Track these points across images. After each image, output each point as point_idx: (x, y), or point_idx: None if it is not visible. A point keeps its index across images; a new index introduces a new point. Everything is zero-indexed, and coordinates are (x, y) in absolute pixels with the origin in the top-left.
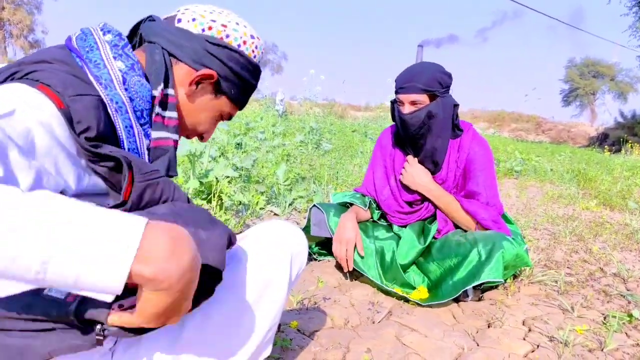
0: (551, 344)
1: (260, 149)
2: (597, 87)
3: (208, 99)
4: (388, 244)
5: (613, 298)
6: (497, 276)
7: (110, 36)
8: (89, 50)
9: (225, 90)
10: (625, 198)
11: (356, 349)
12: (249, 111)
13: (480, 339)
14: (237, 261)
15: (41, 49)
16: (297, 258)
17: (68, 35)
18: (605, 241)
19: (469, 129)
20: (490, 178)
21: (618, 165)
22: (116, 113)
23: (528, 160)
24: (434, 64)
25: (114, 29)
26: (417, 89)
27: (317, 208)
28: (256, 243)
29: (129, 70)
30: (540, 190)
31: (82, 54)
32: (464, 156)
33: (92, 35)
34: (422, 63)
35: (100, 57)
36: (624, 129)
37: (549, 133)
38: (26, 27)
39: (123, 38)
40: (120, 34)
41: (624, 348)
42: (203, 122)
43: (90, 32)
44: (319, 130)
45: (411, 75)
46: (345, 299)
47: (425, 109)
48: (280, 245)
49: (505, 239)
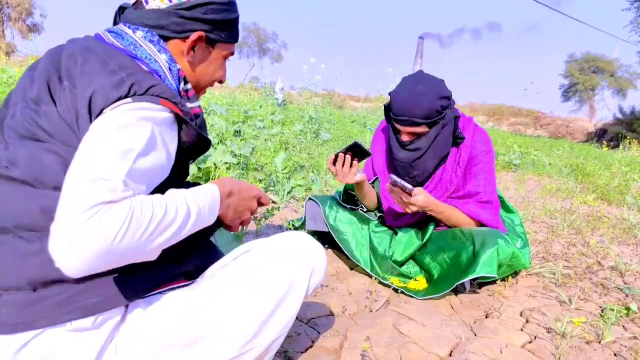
0: (548, 335)
1: (259, 137)
2: (597, 82)
3: (207, 55)
4: (382, 237)
5: (610, 291)
6: (490, 271)
7: (141, 32)
8: (134, 48)
9: (217, 39)
10: (623, 193)
11: (354, 337)
12: (248, 99)
13: (478, 329)
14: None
15: (96, 44)
16: (316, 274)
17: (97, 34)
18: (603, 235)
19: (469, 124)
20: (490, 175)
21: (616, 161)
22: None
23: (527, 154)
24: (432, 85)
25: (138, 26)
26: (415, 122)
27: (313, 201)
28: (280, 249)
29: (170, 60)
30: (539, 183)
31: (134, 53)
32: (466, 155)
33: (127, 34)
34: (417, 87)
35: (148, 53)
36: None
37: (548, 128)
38: (25, 10)
39: (154, 33)
40: (149, 30)
41: (621, 340)
42: (213, 73)
43: (122, 30)
44: (318, 119)
45: (408, 106)
46: (343, 287)
47: (425, 137)
48: (303, 256)
49: (501, 236)
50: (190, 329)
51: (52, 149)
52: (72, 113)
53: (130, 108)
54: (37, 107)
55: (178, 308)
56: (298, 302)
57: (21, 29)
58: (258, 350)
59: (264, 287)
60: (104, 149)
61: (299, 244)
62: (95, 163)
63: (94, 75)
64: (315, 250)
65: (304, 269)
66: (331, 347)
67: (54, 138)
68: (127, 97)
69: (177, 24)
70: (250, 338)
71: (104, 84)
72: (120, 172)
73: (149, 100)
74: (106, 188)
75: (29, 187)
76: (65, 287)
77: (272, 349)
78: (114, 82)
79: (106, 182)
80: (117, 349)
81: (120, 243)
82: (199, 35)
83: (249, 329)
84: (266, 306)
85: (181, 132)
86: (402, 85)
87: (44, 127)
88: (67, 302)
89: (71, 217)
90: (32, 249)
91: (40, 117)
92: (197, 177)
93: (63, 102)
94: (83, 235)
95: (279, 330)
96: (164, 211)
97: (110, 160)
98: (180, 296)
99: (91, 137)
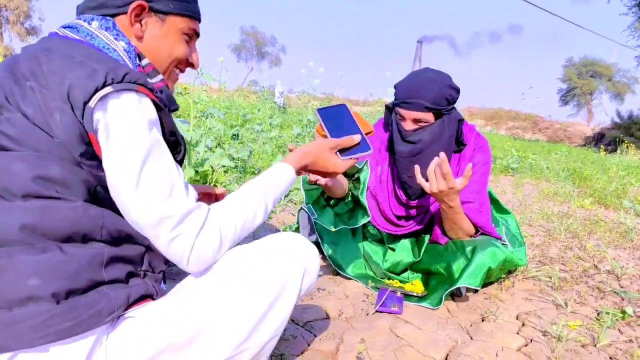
0: (544, 339)
1: (257, 140)
2: (595, 87)
3: (158, 27)
4: (377, 249)
5: (606, 295)
6: (472, 283)
7: (96, 22)
8: (91, 38)
9: (164, 10)
10: (620, 197)
11: (350, 340)
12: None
13: (474, 332)
14: (255, 263)
15: (54, 41)
16: (308, 274)
17: (52, 32)
18: (600, 239)
19: (472, 133)
20: (484, 184)
21: (614, 165)
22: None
23: (524, 158)
24: (441, 75)
25: (93, 15)
26: (422, 106)
27: (304, 211)
28: (273, 250)
29: (128, 45)
30: (536, 187)
31: (91, 44)
32: (465, 165)
33: (81, 26)
34: (427, 74)
35: (106, 42)
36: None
37: (546, 132)
38: (23, 14)
39: (107, 19)
40: (103, 17)
41: (617, 344)
42: (170, 49)
43: (76, 23)
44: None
45: (416, 89)
46: (340, 291)
47: (429, 129)
48: (296, 256)
49: (493, 244)
50: (184, 331)
51: (20, 157)
52: (45, 112)
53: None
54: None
55: (170, 310)
56: (291, 303)
57: (19, 32)
58: (252, 350)
59: (257, 287)
60: (152, 174)
61: (291, 244)
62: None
63: (65, 70)
64: (307, 250)
65: (296, 269)
66: (327, 350)
67: (21, 145)
68: (105, 86)
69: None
70: (244, 339)
71: (78, 76)
72: (180, 181)
73: (128, 87)
74: (184, 200)
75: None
76: (40, 308)
77: (267, 350)
78: (87, 72)
79: (181, 194)
80: (107, 354)
81: (222, 250)
82: (139, 4)
83: (243, 330)
84: (259, 307)
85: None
86: (410, 74)
87: (9, 135)
88: (41, 326)
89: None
90: (5, 265)
91: (3, 124)
92: (194, 180)
93: (31, 104)
94: (201, 246)
95: (273, 330)
96: (244, 220)
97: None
98: (171, 299)
99: (122, 163)
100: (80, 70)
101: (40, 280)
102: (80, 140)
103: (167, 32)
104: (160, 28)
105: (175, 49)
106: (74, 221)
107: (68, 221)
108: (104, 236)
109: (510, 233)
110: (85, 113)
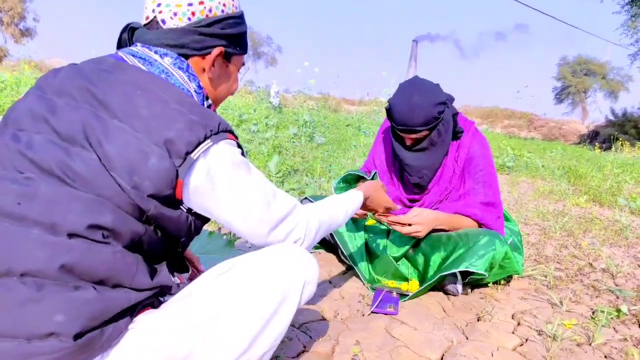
0: (540, 338)
1: (253, 140)
2: (589, 85)
3: (225, 69)
4: (379, 237)
5: (602, 293)
6: (479, 268)
7: (170, 59)
8: (167, 76)
9: (233, 53)
10: (615, 195)
11: (345, 342)
12: (242, 103)
13: (470, 332)
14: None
15: (135, 74)
16: (308, 286)
17: (118, 55)
18: (595, 237)
19: (470, 127)
20: (490, 176)
21: (608, 163)
22: None
23: (520, 156)
24: (426, 94)
25: (167, 51)
26: (415, 130)
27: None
28: (274, 261)
29: (198, 88)
30: (532, 186)
31: (170, 82)
32: (464, 155)
33: (155, 60)
34: (413, 98)
35: (181, 83)
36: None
37: (541, 130)
38: (17, 15)
39: (182, 59)
40: (178, 56)
41: (612, 343)
42: (230, 86)
43: (148, 56)
44: (313, 123)
45: (406, 117)
46: (336, 292)
47: (427, 140)
48: (295, 268)
49: (496, 235)
50: (184, 343)
51: (81, 198)
52: (133, 155)
53: (222, 156)
54: (69, 146)
55: (171, 321)
56: (290, 315)
57: (13, 33)
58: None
59: (258, 299)
60: (263, 192)
61: (291, 256)
62: (269, 201)
63: (167, 119)
64: (307, 262)
65: (296, 282)
66: (323, 352)
67: (85, 186)
68: (206, 138)
69: (197, 42)
70: (242, 352)
71: (179, 127)
72: (282, 192)
73: (223, 138)
74: (291, 205)
75: (41, 230)
76: (60, 345)
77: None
78: (186, 124)
79: (289, 201)
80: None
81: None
82: (220, 50)
83: (241, 343)
84: (260, 318)
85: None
86: (399, 95)
87: (77, 172)
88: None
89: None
90: (34, 297)
91: (74, 160)
92: None
93: (115, 144)
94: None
95: (271, 343)
96: (331, 220)
97: (271, 192)
98: (172, 309)
99: (242, 194)
100: (181, 122)
101: (65, 317)
102: (168, 184)
103: (231, 71)
104: (226, 69)
105: (234, 86)
106: (111, 266)
107: (106, 265)
108: (133, 284)
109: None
110: (186, 162)
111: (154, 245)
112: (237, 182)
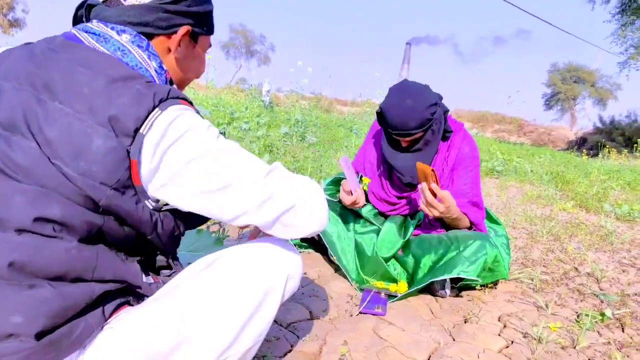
0: (525, 340)
1: (244, 139)
2: (578, 92)
3: (191, 49)
4: (368, 237)
5: (586, 297)
6: (471, 274)
7: (128, 36)
8: (122, 54)
9: (199, 32)
10: (601, 201)
11: (333, 342)
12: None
13: (457, 334)
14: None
15: (83, 53)
16: (291, 280)
17: (70, 33)
18: (581, 241)
19: (460, 129)
20: (475, 178)
21: (595, 169)
22: None
23: (509, 161)
24: (418, 97)
25: (124, 27)
26: (409, 134)
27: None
28: (256, 256)
29: (159, 67)
30: (520, 190)
31: (125, 61)
32: (454, 155)
33: (111, 37)
34: (405, 102)
35: (138, 61)
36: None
37: (530, 135)
38: (6, 5)
39: (142, 37)
40: (137, 33)
41: (596, 346)
42: (197, 68)
43: (104, 32)
44: (305, 122)
45: (400, 122)
46: (324, 292)
47: (422, 140)
48: (278, 262)
49: (487, 240)
50: (165, 341)
51: (23, 190)
52: (75, 138)
53: (174, 120)
54: (10, 135)
55: (151, 320)
56: (273, 310)
57: (2, 24)
58: (234, 358)
59: (240, 294)
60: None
61: (274, 250)
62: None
63: (110, 95)
64: (290, 256)
65: (279, 276)
66: (310, 352)
67: (28, 177)
68: (154, 108)
69: (163, 20)
70: (227, 347)
71: (124, 102)
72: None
73: (173, 104)
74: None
75: None
76: (22, 345)
77: (248, 357)
78: (131, 98)
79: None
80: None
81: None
82: (187, 29)
83: (226, 338)
84: (243, 314)
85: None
86: (391, 100)
87: (17, 163)
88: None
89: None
90: None
91: (14, 150)
92: None
93: (56, 128)
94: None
95: (254, 339)
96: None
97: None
98: (152, 307)
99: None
100: (125, 96)
101: (23, 318)
102: (119, 167)
103: (198, 52)
104: (193, 50)
105: (201, 68)
106: (66, 262)
107: (60, 262)
108: (94, 277)
109: (499, 242)
110: (136, 140)
111: (120, 239)
112: (200, 151)
